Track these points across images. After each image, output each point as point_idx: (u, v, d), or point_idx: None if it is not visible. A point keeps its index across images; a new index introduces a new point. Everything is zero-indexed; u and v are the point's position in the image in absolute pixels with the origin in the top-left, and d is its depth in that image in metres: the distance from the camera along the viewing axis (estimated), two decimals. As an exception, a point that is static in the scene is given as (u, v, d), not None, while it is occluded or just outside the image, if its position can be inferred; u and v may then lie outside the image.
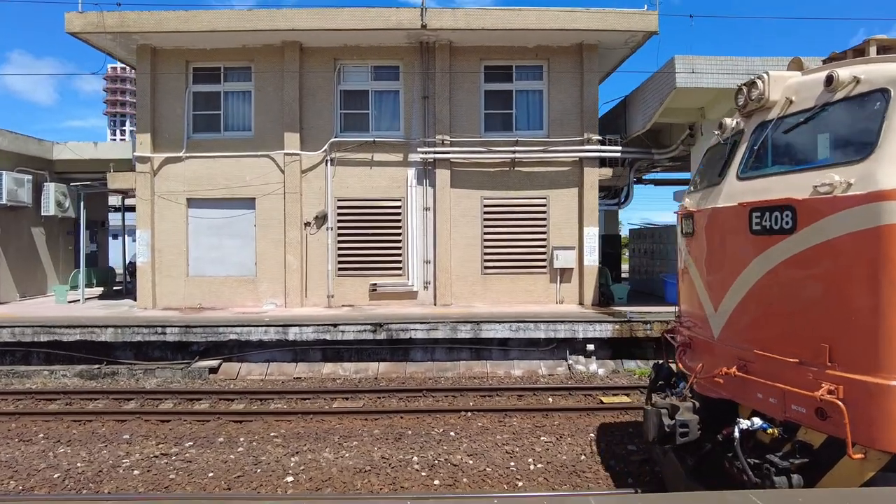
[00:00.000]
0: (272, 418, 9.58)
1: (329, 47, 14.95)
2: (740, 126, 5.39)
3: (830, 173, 4.13)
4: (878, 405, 3.80)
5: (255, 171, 14.97)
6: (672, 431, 4.99)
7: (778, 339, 4.48)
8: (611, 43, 14.85)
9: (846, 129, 4.37)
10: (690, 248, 5.81)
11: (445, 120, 14.93)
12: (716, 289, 5.20)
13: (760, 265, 4.60)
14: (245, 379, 12.25)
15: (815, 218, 4.16)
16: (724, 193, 5.12)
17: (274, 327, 12.42)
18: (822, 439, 4.14)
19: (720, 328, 5.12)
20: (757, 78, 5.00)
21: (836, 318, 4.08)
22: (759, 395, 4.55)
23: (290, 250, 14.88)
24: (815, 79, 4.66)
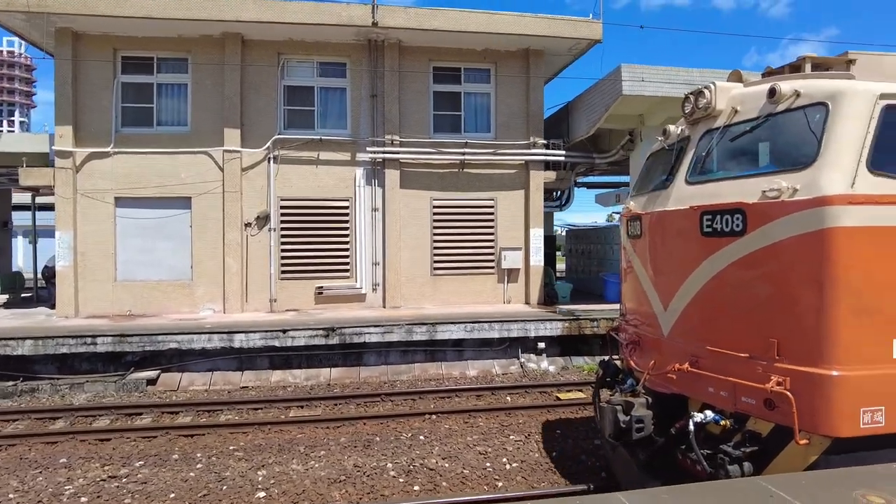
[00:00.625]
0: (227, 431, 9.05)
1: (273, 41, 14.35)
2: (685, 133, 5.62)
3: (778, 179, 4.39)
4: (822, 394, 4.07)
5: (192, 169, 14.09)
6: (628, 427, 5.12)
7: (729, 336, 4.68)
8: (556, 49, 15.27)
9: (790, 138, 4.65)
10: (637, 249, 5.97)
11: (395, 119, 14.75)
12: (665, 288, 5.39)
13: (711, 266, 4.80)
14: (187, 390, 11.48)
15: (764, 221, 4.40)
16: (674, 197, 5.31)
17: (218, 334, 11.74)
18: (769, 428, 4.38)
19: (670, 326, 5.31)
20: (704, 88, 5.25)
21: (784, 315, 4.33)
22: (711, 388, 4.76)
23: (229, 252, 14.13)
24: (758, 91, 4.97)
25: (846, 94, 4.36)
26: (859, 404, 4.04)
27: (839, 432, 4.04)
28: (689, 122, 5.55)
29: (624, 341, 6.34)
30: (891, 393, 4.12)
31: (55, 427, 9.32)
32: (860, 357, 4.10)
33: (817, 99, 4.45)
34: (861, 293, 4.11)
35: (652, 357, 5.55)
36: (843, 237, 4.08)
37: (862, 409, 4.04)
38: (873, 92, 4.37)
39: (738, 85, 5.33)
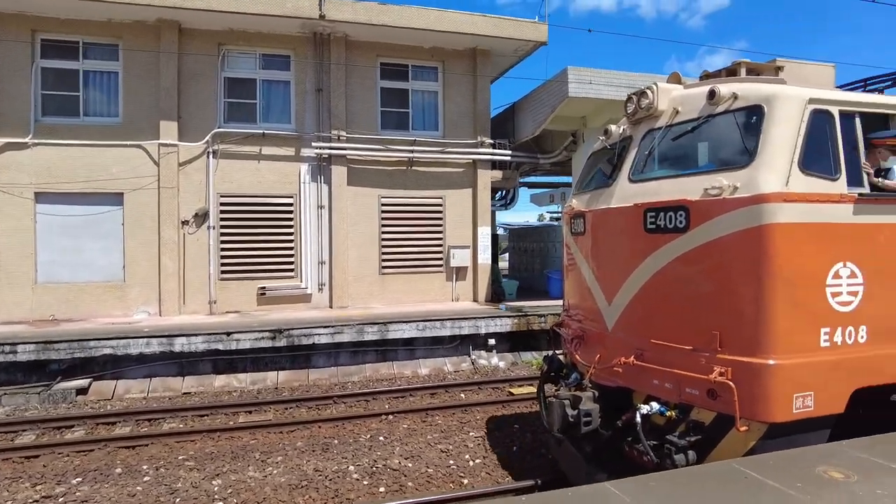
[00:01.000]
0: (173, 440, 8.56)
1: (213, 30, 13.68)
2: (627, 133, 5.78)
3: (719, 177, 4.55)
4: (760, 382, 4.26)
5: (124, 163, 13.20)
6: (576, 421, 5.20)
7: (673, 329, 4.81)
8: (502, 50, 15.47)
9: (729, 138, 4.85)
10: (581, 245, 6.07)
11: (341, 115, 14.45)
12: (609, 284, 5.50)
13: (655, 261, 4.94)
14: (124, 398, 10.76)
15: (706, 218, 4.55)
16: (617, 195, 5.45)
17: (157, 338, 11.07)
18: (711, 417, 4.54)
19: (614, 321, 5.42)
20: (647, 88, 5.43)
21: (725, 308, 4.47)
22: (656, 381, 4.90)
23: (165, 252, 13.36)
24: (698, 92, 5.16)
25: (779, 97, 4.58)
26: (792, 391, 4.26)
27: (775, 418, 4.25)
28: (632, 121, 5.70)
29: (568, 336, 6.38)
30: (819, 379, 4.38)
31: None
32: (793, 346, 4.31)
33: (753, 102, 4.67)
34: (794, 286, 4.33)
35: (597, 351, 5.63)
36: (778, 233, 4.28)
37: (795, 395, 4.26)
38: (803, 97, 4.62)
39: (678, 87, 5.52)
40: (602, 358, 5.48)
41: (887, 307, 4.73)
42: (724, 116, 4.82)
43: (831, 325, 4.47)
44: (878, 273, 4.67)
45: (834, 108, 4.68)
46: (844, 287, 4.53)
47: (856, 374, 4.54)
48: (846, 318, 4.53)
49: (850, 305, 4.54)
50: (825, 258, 4.47)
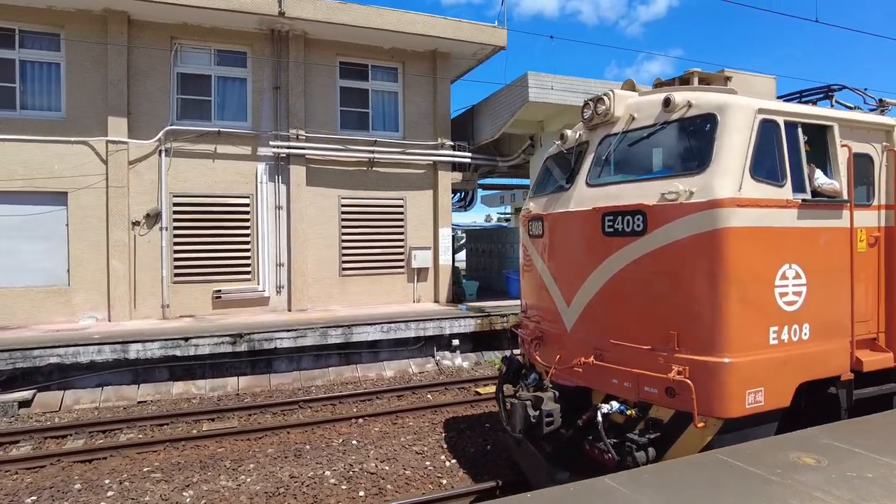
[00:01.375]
0: (133, 451, 8.20)
1: (164, 23, 13.13)
2: (583, 138, 5.88)
3: (675, 182, 4.69)
4: (717, 380, 4.41)
5: (68, 161, 12.47)
6: (538, 421, 5.23)
7: (631, 330, 4.93)
8: (462, 53, 15.61)
9: (684, 144, 5.02)
10: (539, 248, 6.14)
11: (300, 114, 14.18)
12: (567, 286, 5.59)
13: (613, 264, 5.06)
14: (73, 409, 10.17)
15: (663, 221, 4.68)
16: (575, 199, 5.55)
17: (110, 345, 10.54)
18: (670, 414, 4.67)
19: (573, 321, 5.52)
20: (604, 95, 5.54)
21: (682, 309, 4.61)
22: (615, 380, 5.00)
23: (115, 254, 12.72)
24: (653, 100, 5.32)
25: (731, 107, 4.75)
26: (745, 387, 4.44)
27: (731, 413, 4.41)
28: (588, 127, 5.79)
29: (527, 337, 6.41)
30: (768, 375, 4.58)
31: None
32: (746, 345, 4.49)
33: (707, 110, 4.83)
34: (746, 287, 4.51)
35: (556, 352, 5.70)
36: (732, 236, 4.44)
37: (748, 391, 4.45)
38: (753, 106, 4.81)
39: (633, 94, 5.68)
40: (562, 358, 5.54)
41: (826, 306, 5.02)
42: (678, 124, 4.99)
43: (779, 324, 4.69)
44: (818, 274, 4.94)
45: (780, 118, 4.90)
46: (790, 288, 4.77)
47: (800, 370, 4.80)
48: (792, 317, 4.77)
49: (795, 305, 4.79)
50: (773, 260, 4.68)
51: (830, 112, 5.47)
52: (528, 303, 6.63)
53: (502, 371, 6.95)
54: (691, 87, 5.55)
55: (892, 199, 5.60)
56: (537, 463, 5.72)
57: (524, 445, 5.98)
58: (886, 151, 5.64)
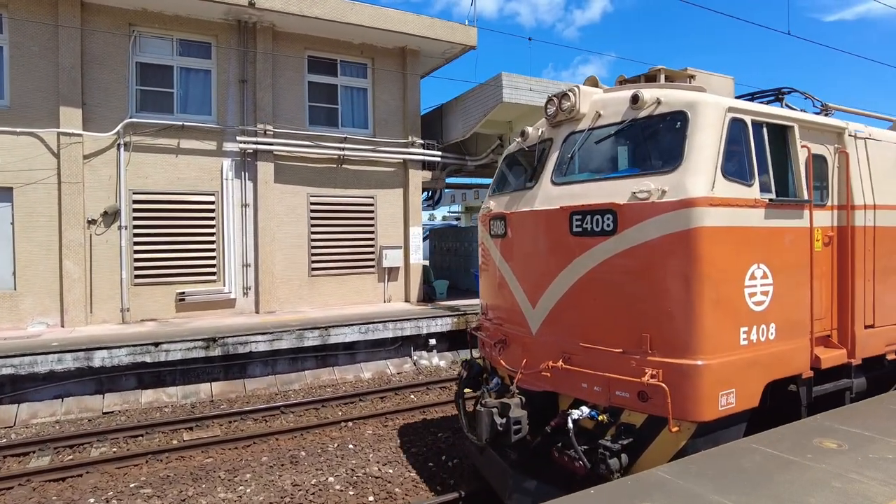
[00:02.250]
0: (112, 466, 7.67)
1: (122, 8, 12.30)
2: (546, 135, 5.68)
3: (646, 181, 4.54)
4: (691, 383, 4.28)
5: (13, 153, 11.47)
6: (506, 429, 5.00)
7: (601, 332, 4.75)
8: (431, 51, 15.54)
9: (654, 142, 4.89)
10: (502, 248, 5.90)
11: (267, 108, 13.68)
12: (533, 287, 5.36)
13: (581, 264, 4.88)
14: (30, 424, 9.39)
15: (634, 221, 4.51)
16: (540, 197, 5.33)
17: (72, 353, 9.78)
18: (642, 419, 4.52)
19: (539, 324, 5.29)
20: (569, 91, 5.37)
21: (655, 311, 4.46)
22: (584, 384, 4.80)
23: (69, 255, 11.82)
24: (620, 96, 5.14)
25: (702, 104, 4.63)
26: (719, 389, 4.35)
27: (706, 416, 4.30)
28: (552, 124, 5.61)
29: (489, 340, 6.15)
30: (739, 376, 4.51)
31: None
32: (718, 346, 4.39)
33: (677, 107, 4.69)
34: (719, 287, 4.41)
35: (521, 355, 5.48)
36: (706, 236, 4.33)
37: (720, 393, 4.36)
38: (723, 105, 4.72)
39: (598, 90, 5.52)
40: (528, 362, 5.33)
41: (790, 305, 5.01)
42: (647, 121, 4.86)
43: (748, 324, 4.62)
44: (783, 273, 4.92)
45: (748, 117, 4.84)
46: (759, 287, 4.72)
47: (768, 369, 4.77)
48: (760, 317, 4.71)
49: (763, 304, 4.74)
50: (743, 260, 4.61)
51: (791, 113, 5.47)
52: (490, 304, 6.37)
53: (462, 376, 6.64)
54: (659, 84, 5.43)
55: (843, 199, 5.69)
56: (502, 471, 5.49)
57: (487, 453, 5.74)
58: (838, 153, 5.73)
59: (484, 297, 6.59)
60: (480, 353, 6.66)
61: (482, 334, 6.50)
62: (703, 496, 3.51)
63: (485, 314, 6.52)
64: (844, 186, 5.66)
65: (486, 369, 6.45)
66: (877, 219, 5.84)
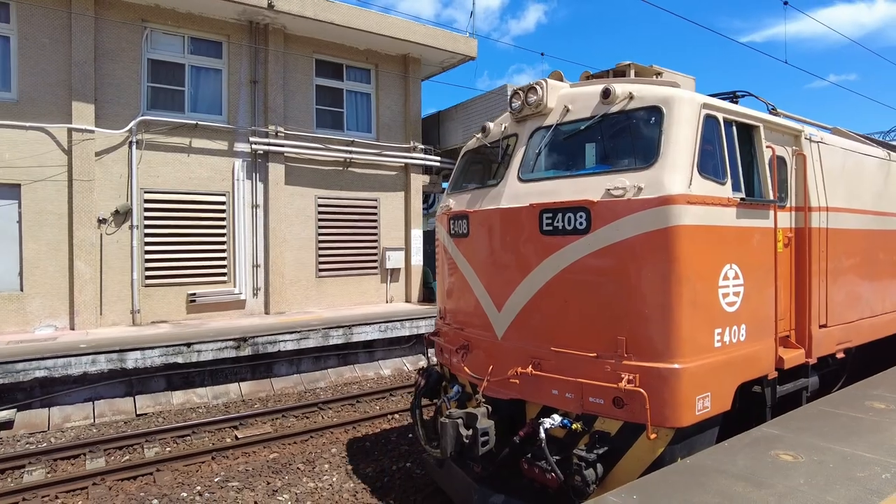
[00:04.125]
0: (180, 464, 7.67)
1: (134, 3, 12.05)
2: (510, 131, 5.47)
3: (621, 178, 4.35)
4: (670, 388, 4.11)
5: (21, 148, 10.99)
6: (472, 441, 4.69)
7: (574, 336, 4.53)
8: (431, 59, 16.06)
9: (627, 138, 4.69)
10: (464, 248, 5.65)
11: (279, 110, 13.73)
12: (499, 289, 5.12)
13: (552, 264, 4.66)
14: (65, 428, 9.12)
15: (609, 219, 4.33)
16: (507, 195, 5.09)
17: (105, 354, 9.57)
18: (617, 426, 4.31)
19: (505, 328, 5.04)
20: (535, 84, 5.15)
21: (631, 312, 4.27)
22: (555, 391, 4.56)
23: (80, 255, 11.43)
24: (590, 91, 4.96)
25: (677, 100, 4.48)
26: (695, 393, 4.20)
27: (684, 422, 4.14)
28: (517, 118, 5.39)
29: (449, 346, 5.82)
30: (714, 379, 4.38)
31: None
32: (695, 349, 4.25)
33: (651, 102, 4.53)
34: (695, 288, 4.27)
35: (486, 362, 5.19)
36: (683, 235, 4.18)
37: (697, 397, 4.21)
38: (698, 101, 4.60)
39: (565, 84, 5.35)
40: (494, 369, 5.04)
41: (758, 305, 4.93)
42: (619, 116, 4.68)
43: (722, 326, 4.51)
44: (751, 273, 4.82)
45: (720, 114, 4.75)
46: (731, 288, 4.61)
47: (739, 371, 4.68)
48: (732, 318, 4.60)
49: (735, 305, 4.64)
50: (717, 260, 4.50)
51: (757, 113, 5.42)
52: (449, 307, 6.05)
53: (419, 384, 6.26)
54: (631, 79, 5.31)
55: (801, 201, 5.69)
56: (466, 486, 5.19)
57: (449, 467, 5.39)
58: (795, 155, 5.73)
59: (442, 301, 6.31)
60: (438, 360, 6.31)
61: (441, 340, 6.14)
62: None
63: (443, 318, 6.22)
64: (802, 188, 5.68)
65: (445, 377, 6.12)
66: (829, 220, 5.94)
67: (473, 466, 4.95)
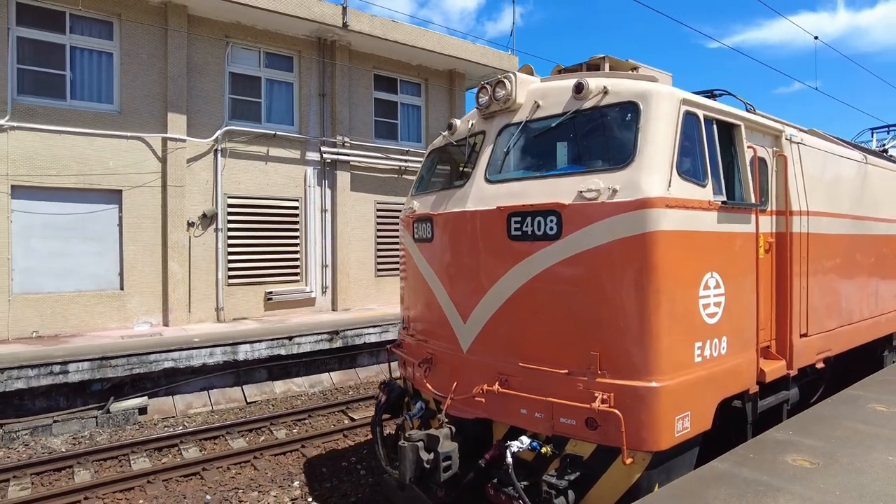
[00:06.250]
0: (320, 440, 8.57)
1: (219, 20, 12.88)
2: (478, 128, 5.14)
3: (594, 179, 4.03)
4: (646, 408, 3.79)
5: (122, 157, 11.71)
6: (434, 466, 4.34)
7: (544, 351, 4.20)
8: (473, 74, 17.18)
9: (601, 136, 4.39)
10: (427, 254, 5.28)
11: (345, 121, 14.68)
12: (464, 299, 4.76)
13: (521, 273, 4.32)
14: (189, 413, 9.90)
15: (582, 224, 4.02)
16: (473, 197, 4.74)
17: (220, 347, 10.38)
18: (591, 450, 3.98)
19: (471, 341, 4.68)
20: (503, 77, 4.82)
21: (605, 325, 3.96)
22: (523, 410, 4.21)
23: (174, 256, 12.17)
24: (561, 86, 4.61)
25: (655, 95, 4.16)
26: (675, 413, 3.90)
27: (662, 445, 3.83)
28: (484, 115, 5.07)
29: (413, 359, 5.42)
30: (694, 397, 4.08)
31: (71, 484, 7.36)
32: (674, 365, 3.95)
33: (627, 98, 4.22)
34: (675, 298, 3.97)
35: (450, 377, 4.82)
36: (662, 241, 3.88)
37: (676, 417, 3.91)
38: (677, 96, 4.28)
39: (535, 79, 5.02)
40: (459, 385, 4.67)
41: (740, 316, 4.63)
42: (593, 112, 4.37)
43: (703, 339, 4.22)
44: (733, 281, 4.53)
45: (700, 111, 4.43)
46: (712, 298, 4.31)
47: (721, 387, 4.38)
48: (713, 330, 4.31)
49: (716, 317, 4.34)
50: (697, 268, 4.21)
51: (738, 111, 5.15)
52: (413, 317, 5.67)
53: (379, 400, 5.85)
54: (605, 73, 4.95)
55: (782, 205, 5.40)
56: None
57: (409, 490, 4.97)
58: (776, 156, 5.44)
59: (405, 310, 5.94)
60: (401, 374, 6.01)
61: (403, 352, 5.80)
62: None
63: (406, 328, 5.87)
64: (783, 191, 5.40)
65: (407, 392, 5.74)
66: (810, 225, 5.68)
67: (436, 491, 4.62)
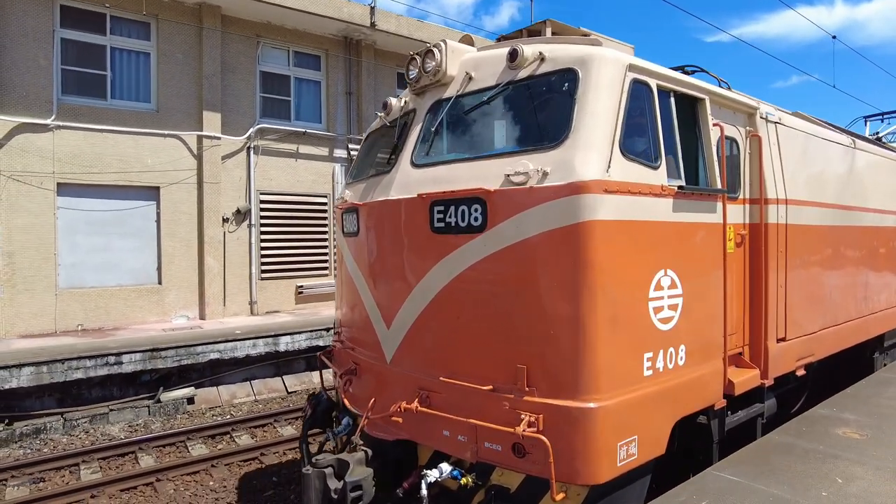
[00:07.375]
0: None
1: (251, 21, 13.15)
2: (410, 106, 4.62)
3: (524, 160, 3.52)
4: (580, 433, 3.26)
5: (160, 154, 12.01)
6: (342, 497, 3.85)
7: (467, 363, 3.71)
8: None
9: (536, 110, 3.90)
10: (354, 249, 4.77)
11: (371, 119, 14.98)
12: (388, 301, 4.23)
13: (445, 271, 3.80)
14: (235, 403, 10.27)
15: (508, 213, 3.51)
16: (397, 183, 4.21)
17: (263, 339, 10.73)
18: (519, 480, 3.53)
19: (394, 350, 4.16)
20: (433, 46, 4.30)
21: (534, 333, 3.44)
22: (446, 432, 3.71)
23: (210, 251, 12.49)
24: (496, 54, 4.07)
25: (596, 59, 3.62)
26: (617, 439, 3.36)
27: (600, 478, 3.31)
28: (415, 91, 4.53)
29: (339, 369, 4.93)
30: (642, 418, 3.53)
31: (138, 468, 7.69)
32: (616, 381, 3.42)
33: (565, 64, 3.69)
34: (616, 301, 3.43)
35: (373, 392, 4.30)
36: (599, 232, 3.36)
37: (618, 443, 3.38)
38: (623, 61, 3.72)
39: (471, 48, 4.49)
40: (377, 402, 4.16)
41: (701, 320, 4.07)
42: (528, 83, 3.85)
43: (654, 349, 3.67)
44: (693, 280, 3.97)
45: (652, 80, 3.86)
46: (665, 300, 3.75)
47: (677, 404, 3.83)
48: (667, 338, 3.76)
49: (671, 322, 3.79)
50: (647, 265, 3.66)
51: (702, 83, 4.50)
52: (342, 321, 5.16)
53: (306, 413, 5.36)
54: (545, 38, 4.34)
55: (756, 192, 4.78)
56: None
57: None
58: (750, 137, 4.83)
59: (336, 312, 5.42)
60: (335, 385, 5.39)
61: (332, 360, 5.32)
62: None
63: (338, 334, 5.31)
64: (757, 176, 4.79)
65: (337, 404, 5.16)
66: (788, 215, 5.05)
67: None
